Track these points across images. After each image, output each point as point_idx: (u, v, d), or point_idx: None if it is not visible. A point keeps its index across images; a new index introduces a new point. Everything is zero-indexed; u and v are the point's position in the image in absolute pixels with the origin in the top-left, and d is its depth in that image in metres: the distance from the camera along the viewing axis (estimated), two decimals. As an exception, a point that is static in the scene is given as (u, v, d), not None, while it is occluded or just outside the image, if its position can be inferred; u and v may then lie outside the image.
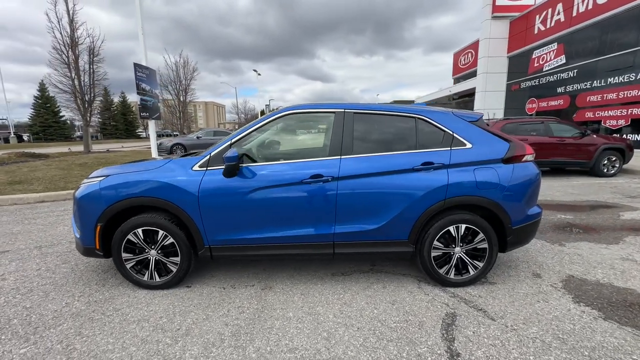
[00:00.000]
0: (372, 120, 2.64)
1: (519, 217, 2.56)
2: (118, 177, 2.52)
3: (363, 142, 2.57)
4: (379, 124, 2.65)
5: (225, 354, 1.88)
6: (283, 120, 2.66)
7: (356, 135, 2.57)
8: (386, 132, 2.64)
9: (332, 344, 1.96)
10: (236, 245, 2.54)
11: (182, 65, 24.52)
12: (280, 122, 2.68)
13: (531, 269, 2.94)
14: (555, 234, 3.91)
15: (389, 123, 2.65)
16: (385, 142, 2.61)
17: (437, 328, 2.10)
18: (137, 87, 8.82)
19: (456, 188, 2.46)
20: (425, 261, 2.59)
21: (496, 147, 2.57)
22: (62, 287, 2.66)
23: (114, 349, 1.92)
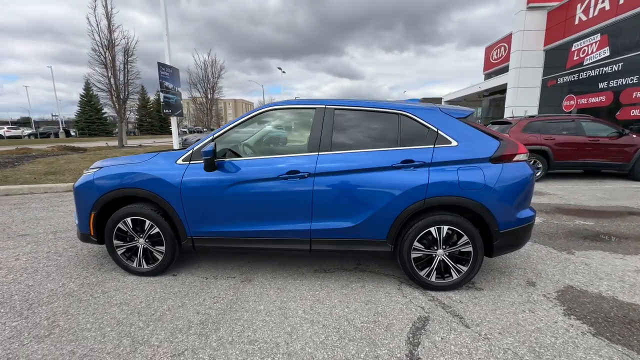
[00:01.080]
0: (354, 117, 2.59)
1: (507, 220, 2.40)
2: (109, 169, 2.68)
3: (343, 139, 2.53)
4: (361, 121, 2.59)
5: (188, 340, 1.95)
6: (265, 116, 2.69)
7: (336, 131, 2.53)
8: (368, 128, 2.58)
9: (292, 339, 1.97)
10: (216, 238, 2.61)
11: (210, 64, 25.40)
12: (262, 118, 2.71)
13: (526, 277, 2.75)
14: (567, 240, 3.61)
15: (371, 119, 2.58)
16: (367, 139, 2.55)
17: (404, 331, 2.03)
18: (160, 85, 9.29)
19: (437, 188, 2.35)
20: (405, 262, 2.51)
21: (484, 145, 2.42)
22: (63, 269, 2.90)
23: (92, 328, 2.07)
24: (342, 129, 2.56)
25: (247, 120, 2.65)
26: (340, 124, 2.56)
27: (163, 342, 1.93)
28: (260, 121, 2.75)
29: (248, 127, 2.80)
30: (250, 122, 2.69)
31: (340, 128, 2.55)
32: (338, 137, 2.53)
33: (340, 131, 2.55)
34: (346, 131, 2.56)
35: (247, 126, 2.69)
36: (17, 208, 5.07)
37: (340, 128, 2.55)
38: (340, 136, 2.53)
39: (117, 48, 15.58)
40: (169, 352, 1.84)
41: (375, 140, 2.53)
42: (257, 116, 2.66)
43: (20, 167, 8.23)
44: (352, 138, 2.55)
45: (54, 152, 12.05)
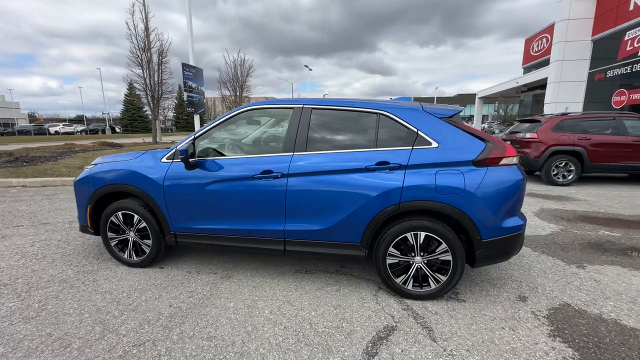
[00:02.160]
0: (331, 117, 2.53)
1: (490, 229, 2.21)
2: (103, 165, 2.87)
3: (319, 139, 2.49)
4: (338, 120, 2.52)
5: (153, 332, 2.03)
6: (245, 115, 2.71)
7: (312, 131, 2.49)
8: (345, 128, 2.51)
9: (250, 338, 1.98)
10: (196, 234, 2.69)
11: (239, 63, 26.16)
12: (243, 118, 2.74)
13: (519, 291, 2.53)
14: (582, 253, 3.26)
15: (348, 119, 2.50)
16: (344, 139, 2.48)
17: (365, 340, 1.96)
18: (184, 85, 9.76)
19: (412, 192, 2.23)
20: (380, 268, 2.41)
21: (468, 147, 2.25)
22: (67, 256, 3.15)
23: (73, 313, 2.23)
24: (318, 129, 2.51)
25: (226, 120, 2.69)
26: (317, 124, 2.51)
27: (130, 331, 2.04)
28: (240, 121, 2.78)
29: (243, 127, 2.85)
30: (231, 122, 2.72)
31: (317, 128, 2.51)
32: (314, 137, 2.48)
33: (316, 131, 2.50)
34: (323, 131, 2.51)
35: (227, 126, 2.73)
36: (47, 199, 5.60)
37: (317, 128, 2.51)
38: (316, 136, 2.49)
39: (152, 50, 16.58)
40: (132, 342, 1.93)
41: (353, 141, 2.45)
42: (236, 116, 2.69)
43: (60, 160, 9.08)
44: (329, 138, 2.50)
45: (93, 147, 13.14)
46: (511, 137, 7.77)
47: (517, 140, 7.41)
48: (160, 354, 1.84)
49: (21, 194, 5.97)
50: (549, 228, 4.06)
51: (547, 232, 3.92)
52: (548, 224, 4.22)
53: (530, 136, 7.11)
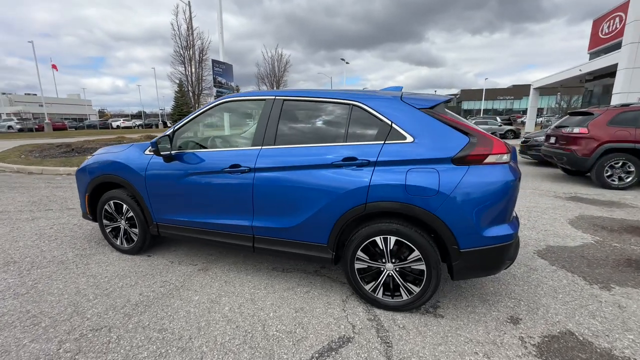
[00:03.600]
0: (302, 108, 2.37)
1: (470, 238, 1.91)
2: (98, 156, 3.04)
3: (289, 132, 2.35)
4: (310, 112, 2.36)
5: (115, 317, 2.10)
6: (220, 108, 2.67)
7: (282, 124, 2.36)
8: (316, 121, 2.34)
9: (199, 334, 1.95)
10: (175, 226, 2.74)
11: (277, 59, 26.65)
12: (218, 111, 2.70)
13: (514, 311, 2.17)
14: (615, 271, 2.72)
15: (320, 111, 2.33)
16: (314, 132, 2.32)
17: (312, 349, 1.82)
18: (214, 81, 10.14)
19: (379, 191, 2.00)
20: (347, 273, 2.23)
21: (447, 142, 1.95)
22: (73, 239, 3.43)
23: (56, 293, 2.40)
24: (289, 122, 2.37)
25: (205, 112, 2.67)
26: (288, 117, 2.37)
27: (94, 315, 2.13)
28: (216, 113, 2.74)
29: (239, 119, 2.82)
30: (210, 114, 2.70)
31: (287, 121, 2.37)
32: (284, 130, 2.35)
33: (286, 124, 2.36)
34: (293, 124, 2.37)
35: (206, 118, 2.72)
36: (84, 186, 6.21)
37: (287, 121, 2.37)
38: (286, 129, 2.35)
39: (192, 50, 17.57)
40: (91, 326, 2.02)
41: (323, 134, 2.28)
42: (214, 108, 2.66)
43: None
44: (299, 131, 2.35)
45: (140, 140, 14.37)
46: (556, 133, 6.82)
47: (563, 136, 6.48)
48: (110, 341, 1.89)
49: (64, 181, 6.69)
50: (581, 239, 3.47)
51: (578, 243, 3.35)
52: (582, 234, 3.60)
53: (579, 131, 6.16)
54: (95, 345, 1.85)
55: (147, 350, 1.81)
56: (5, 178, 6.90)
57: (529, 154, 8.99)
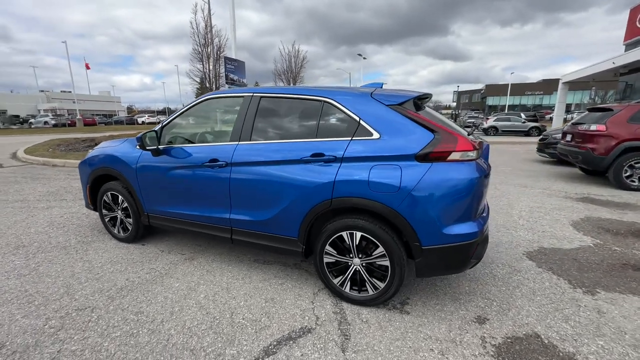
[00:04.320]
0: (277, 105, 2.43)
1: (432, 235, 1.90)
2: (98, 150, 3.25)
3: (264, 128, 2.42)
4: (284, 109, 2.41)
5: (99, 299, 2.27)
6: (204, 105, 2.77)
7: (258, 120, 2.43)
8: (290, 117, 2.39)
9: (170, 318, 2.07)
10: (163, 216, 2.89)
11: (293, 56, 26.75)
12: (202, 107, 2.80)
13: (484, 311, 2.13)
14: (606, 275, 2.60)
15: (294, 108, 2.37)
16: (288, 128, 2.37)
17: (272, 337, 1.89)
18: (226, 78, 10.38)
19: (344, 187, 2.03)
20: (317, 266, 2.28)
21: (412, 139, 1.94)
22: (79, 227, 3.69)
23: (53, 275, 2.61)
24: (264, 118, 2.43)
25: (191, 108, 2.79)
26: (264, 113, 2.44)
27: (82, 297, 2.31)
28: (201, 110, 2.84)
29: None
30: (195, 111, 2.81)
31: (263, 117, 2.43)
32: (259, 126, 2.42)
33: (262, 120, 2.43)
34: (268, 120, 2.43)
35: (190, 115, 2.83)
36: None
37: (263, 117, 2.43)
38: (261, 125, 2.42)
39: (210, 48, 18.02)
40: (77, 306, 2.19)
41: (296, 130, 2.33)
42: (197, 105, 2.77)
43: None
44: (274, 128, 2.41)
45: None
46: (573, 130, 6.46)
47: (579, 134, 6.14)
48: (91, 320, 2.05)
49: (84, 173, 7.15)
50: (579, 241, 3.31)
51: (574, 245, 3.21)
52: (582, 236, 3.44)
53: (597, 128, 5.81)
54: (76, 323, 2.02)
55: (121, 330, 1.95)
56: (31, 170, 7.46)
57: (546, 152, 8.57)
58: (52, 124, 33.63)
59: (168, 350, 1.79)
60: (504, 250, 3.11)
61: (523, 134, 20.05)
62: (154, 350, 1.79)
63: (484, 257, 2.89)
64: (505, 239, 3.40)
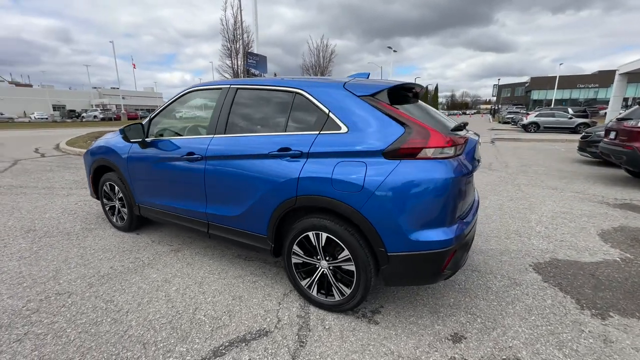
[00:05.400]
0: (252, 97, 2.33)
1: (398, 240, 1.70)
2: (99, 141, 3.39)
3: (238, 121, 2.34)
4: (258, 101, 2.31)
5: (78, 285, 2.36)
6: (187, 97, 2.75)
7: (233, 113, 2.35)
8: (263, 109, 2.28)
9: (136, 309, 2.09)
10: (150, 208, 2.94)
11: (322, 50, 26.55)
12: (185, 100, 2.79)
13: (462, 328, 1.90)
14: (627, 298, 2.22)
15: (267, 99, 2.26)
16: (261, 121, 2.27)
17: (226, 338, 1.83)
18: (247, 72, 10.51)
19: (308, 184, 1.89)
20: (285, 267, 2.18)
21: (381, 133, 1.75)
22: (87, 215, 3.91)
23: (49, 259, 2.77)
24: (239, 111, 2.35)
25: (174, 101, 2.79)
26: (238, 105, 2.36)
27: (65, 281, 2.42)
28: (185, 102, 2.83)
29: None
30: (179, 104, 2.81)
31: (238, 109, 2.36)
32: (234, 119, 2.35)
33: (237, 113, 2.35)
34: (243, 113, 2.35)
35: (177, 107, 2.84)
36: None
37: (238, 109, 2.36)
38: (236, 118, 2.35)
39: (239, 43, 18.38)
40: (58, 290, 2.29)
41: (269, 123, 2.22)
42: (181, 97, 2.76)
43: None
44: (247, 120, 2.32)
45: (188, 129, 15.66)
46: (618, 127, 5.68)
47: (625, 131, 5.38)
48: (65, 305, 2.13)
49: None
50: (604, 254, 2.88)
51: (596, 259, 2.79)
52: (609, 249, 2.99)
53: (647, 125, 5.05)
54: (51, 307, 2.10)
55: (87, 318, 2.00)
56: (67, 160, 8.12)
57: (588, 151, 7.67)
58: (100, 118, 36.65)
59: (122, 342, 1.79)
60: (508, 259, 2.79)
61: (569, 131, 18.25)
62: (109, 340, 1.81)
63: (485, 267, 2.62)
64: (514, 247, 3.05)
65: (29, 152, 9.27)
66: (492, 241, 3.18)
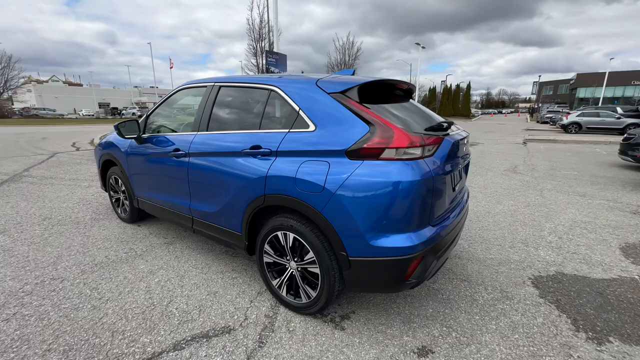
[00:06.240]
0: (232, 94, 2.34)
1: (357, 244, 1.62)
2: (107, 137, 3.58)
3: (219, 118, 2.36)
4: (238, 98, 2.31)
5: (72, 272, 2.51)
6: (179, 95, 2.82)
7: (215, 110, 2.38)
8: (241, 107, 2.28)
9: (116, 298, 2.18)
10: (145, 201, 3.06)
11: (347, 48, 26.30)
12: (177, 97, 2.85)
13: (432, 342, 1.78)
14: (634, 322, 1.96)
15: (245, 97, 2.26)
16: (238, 118, 2.28)
17: (190, 332, 1.86)
18: (266, 71, 10.64)
19: (275, 183, 1.86)
20: (258, 265, 2.17)
21: (347, 132, 1.67)
22: (100, 206, 4.16)
23: (55, 245, 2.98)
24: (220, 108, 2.37)
25: (167, 99, 2.88)
26: (220, 103, 2.37)
27: (62, 267, 2.58)
28: (177, 99, 2.90)
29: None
30: (172, 101, 2.89)
31: (220, 107, 2.37)
32: (216, 116, 2.37)
33: (219, 110, 2.37)
34: (224, 110, 2.36)
35: (169, 104, 2.92)
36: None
37: (220, 107, 2.37)
38: (217, 115, 2.37)
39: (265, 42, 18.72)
40: (54, 276, 2.45)
41: (245, 120, 2.21)
42: (174, 95, 2.83)
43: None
44: (227, 118, 2.33)
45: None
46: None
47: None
48: (55, 290, 2.27)
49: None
50: (620, 270, 2.57)
51: (609, 275, 2.50)
52: (628, 265, 2.67)
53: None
54: (43, 291, 2.26)
55: (70, 303, 2.13)
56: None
57: (630, 155, 6.90)
58: (138, 115, 39.08)
59: (93, 328, 1.88)
60: (506, 270, 2.58)
61: (617, 132, 16.58)
62: (83, 326, 1.90)
63: (477, 277, 2.46)
64: (516, 257, 2.81)
65: (67, 146, 10.09)
66: (493, 250, 2.96)
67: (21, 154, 8.35)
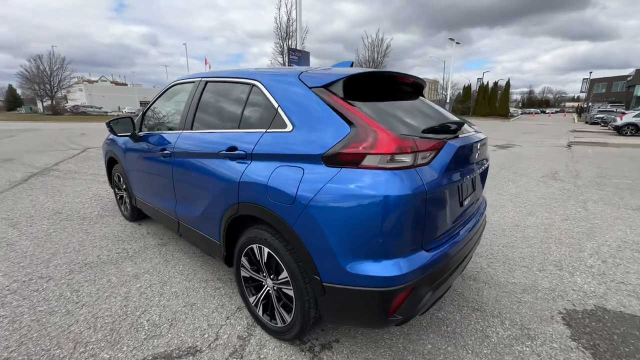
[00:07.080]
0: (217, 90, 2.15)
1: (331, 269, 1.35)
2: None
3: (203, 116, 2.18)
4: (221, 95, 2.11)
5: (62, 271, 2.47)
6: (171, 92, 2.69)
7: (200, 107, 2.20)
8: (224, 103, 2.08)
9: (93, 303, 2.08)
10: (141, 201, 2.99)
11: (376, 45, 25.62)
12: (170, 94, 2.72)
13: (428, 389, 1.46)
14: None
15: (228, 93, 2.06)
16: (220, 116, 2.08)
17: (153, 350, 1.69)
18: (288, 68, 10.53)
19: (247, 190, 1.64)
20: (235, 278, 1.97)
21: (324, 133, 1.40)
22: (109, 202, 4.21)
23: (55, 241, 3.00)
24: (205, 105, 2.19)
25: (160, 95, 2.76)
26: (206, 100, 2.20)
27: (52, 266, 2.56)
28: (170, 96, 2.77)
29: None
30: (167, 98, 2.77)
31: (204, 104, 2.20)
32: (200, 113, 2.20)
33: (203, 107, 2.20)
34: (208, 107, 2.18)
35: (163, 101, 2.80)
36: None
37: (204, 104, 2.20)
38: (202, 113, 2.19)
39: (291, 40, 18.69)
40: (42, 274, 2.43)
41: (227, 118, 2.01)
42: (166, 91, 2.71)
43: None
44: (210, 115, 2.15)
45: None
46: None
47: None
48: (38, 290, 2.23)
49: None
50: (684, 310, 2.05)
51: (669, 316, 2.00)
52: (697, 303, 2.13)
53: None
54: (27, 290, 2.23)
55: (47, 305, 2.06)
56: (124, 149, 9.13)
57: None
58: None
59: (59, 337, 1.78)
60: (531, 300, 2.16)
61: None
62: (50, 333, 1.81)
63: (493, 306, 2.09)
64: (546, 283, 2.37)
65: (100, 142, 10.68)
66: (517, 272, 2.53)
67: (57, 148, 8.93)
